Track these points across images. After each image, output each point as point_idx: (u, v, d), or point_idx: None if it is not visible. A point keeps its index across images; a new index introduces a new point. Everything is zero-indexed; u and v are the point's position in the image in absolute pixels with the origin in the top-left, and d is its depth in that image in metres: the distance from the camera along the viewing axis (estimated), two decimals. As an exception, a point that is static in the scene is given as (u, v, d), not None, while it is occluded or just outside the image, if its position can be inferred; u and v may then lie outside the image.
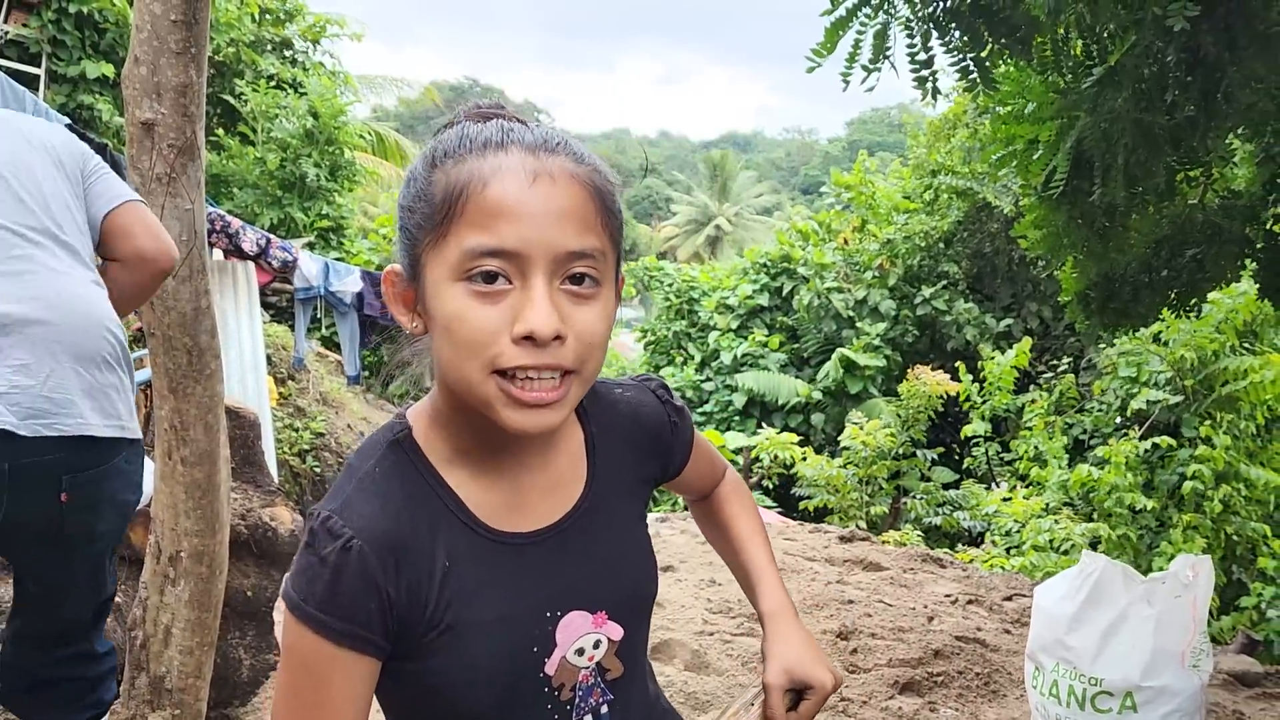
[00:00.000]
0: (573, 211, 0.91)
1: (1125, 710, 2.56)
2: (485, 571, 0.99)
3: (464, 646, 0.97)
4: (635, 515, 1.14)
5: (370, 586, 0.92)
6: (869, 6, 3.49)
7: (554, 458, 1.06)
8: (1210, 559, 2.65)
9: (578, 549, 1.05)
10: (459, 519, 0.99)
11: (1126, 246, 4.67)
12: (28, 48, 10.41)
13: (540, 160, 0.92)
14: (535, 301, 0.89)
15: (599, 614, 1.05)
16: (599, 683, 1.07)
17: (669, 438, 1.19)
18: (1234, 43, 3.48)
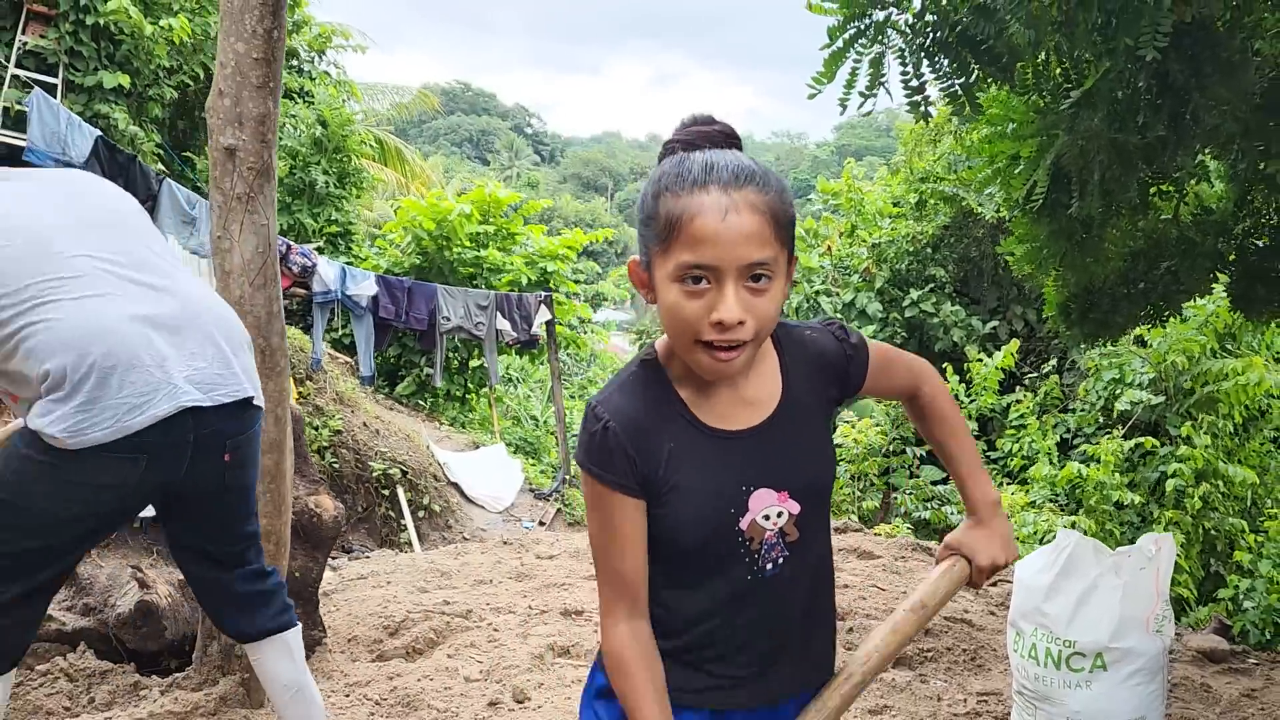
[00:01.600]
0: (753, 234, 1.29)
1: (1096, 669, 2.89)
2: (699, 454, 1.42)
3: (683, 500, 1.41)
4: (818, 424, 1.51)
5: (621, 452, 1.39)
6: (865, 38, 3.75)
7: (754, 380, 1.46)
8: (1172, 536, 2.97)
9: (770, 445, 1.44)
10: (683, 417, 1.43)
11: (1104, 258, 4.93)
12: (45, 58, 10.65)
13: (731, 197, 1.29)
14: (726, 299, 1.29)
15: (783, 493, 1.44)
16: (780, 541, 1.45)
17: (845, 366, 1.53)
18: (1199, 70, 3.75)
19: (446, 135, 71.16)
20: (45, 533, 2.36)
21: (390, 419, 9.66)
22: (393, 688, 3.64)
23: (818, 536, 1.52)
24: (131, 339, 2.31)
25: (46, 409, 2.25)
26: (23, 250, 2.33)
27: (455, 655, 4.05)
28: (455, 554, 6.37)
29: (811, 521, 1.48)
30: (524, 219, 15.68)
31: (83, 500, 2.35)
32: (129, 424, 2.27)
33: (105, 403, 2.26)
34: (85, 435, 2.25)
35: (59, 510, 2.33)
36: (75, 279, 2.34)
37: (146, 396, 2.29)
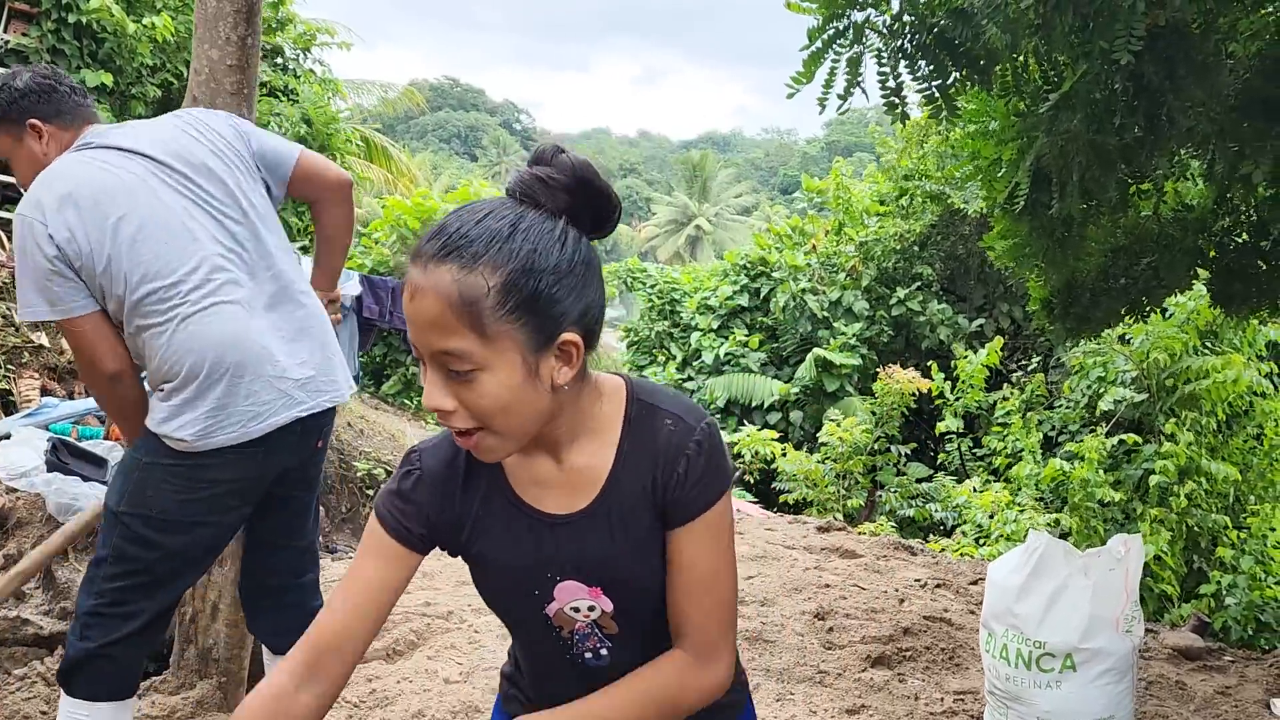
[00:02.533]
0: (432, 321, 1.15)
1: (1066, 669, 2.92)
2: (504, 528, 1.33)
3: (484, 571, 1.36)
4: (648, 521, 1.29)
5: (416, 504, 1.32)
6: (843, 39, 3.77)
7: (582, 456, 1.30)
8: (1140, 537, 3.00)
9: (582, 537, 1.30)
10: (497, 486, 1.33)
11: (1085, 256, 4.97)
12: (27, 56, 10.58)
13: (424, 275, 1.15)
14: (426, 386, 1.19)
15: (594, 588, 1.31)
16: (595, 632, 1.35)
17: (670, 475, 1.27)
18: (1174, 72, 3.78)
19: (435, 131, 71.09)
20: (175, 543, 2.41)
21: (375, 418, 9.63)
22: (371, 689, 3.65)
23: (652, 630, 1.35)
24: (258, 350, 2.38)
25: (173, 412, 2.33)
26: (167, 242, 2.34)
27: (435, 657, 4.06)
28: (438, 554, 6.35)
29: (637, 617, 1.34)
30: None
31: (208, 499, 2.41)
32: (251, 430, 2.37)
33: (233, 409, 2.35)
34: (212, 439, 2.34)
35: (186, 513, 2.40)
36: (212, 276, 2.37)
37: (268, 405, 2.39)
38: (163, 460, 2.37)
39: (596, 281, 1.24)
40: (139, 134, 2.45)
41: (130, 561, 2.39)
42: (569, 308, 1.19)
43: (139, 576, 2.40)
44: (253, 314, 2.41)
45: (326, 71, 14.99)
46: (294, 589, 2.77)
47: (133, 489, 2.39)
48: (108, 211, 2.29)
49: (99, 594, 2.41)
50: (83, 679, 2.40)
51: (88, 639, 2.39)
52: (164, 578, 2.44)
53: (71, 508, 3.77)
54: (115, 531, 2.40)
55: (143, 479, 2.38)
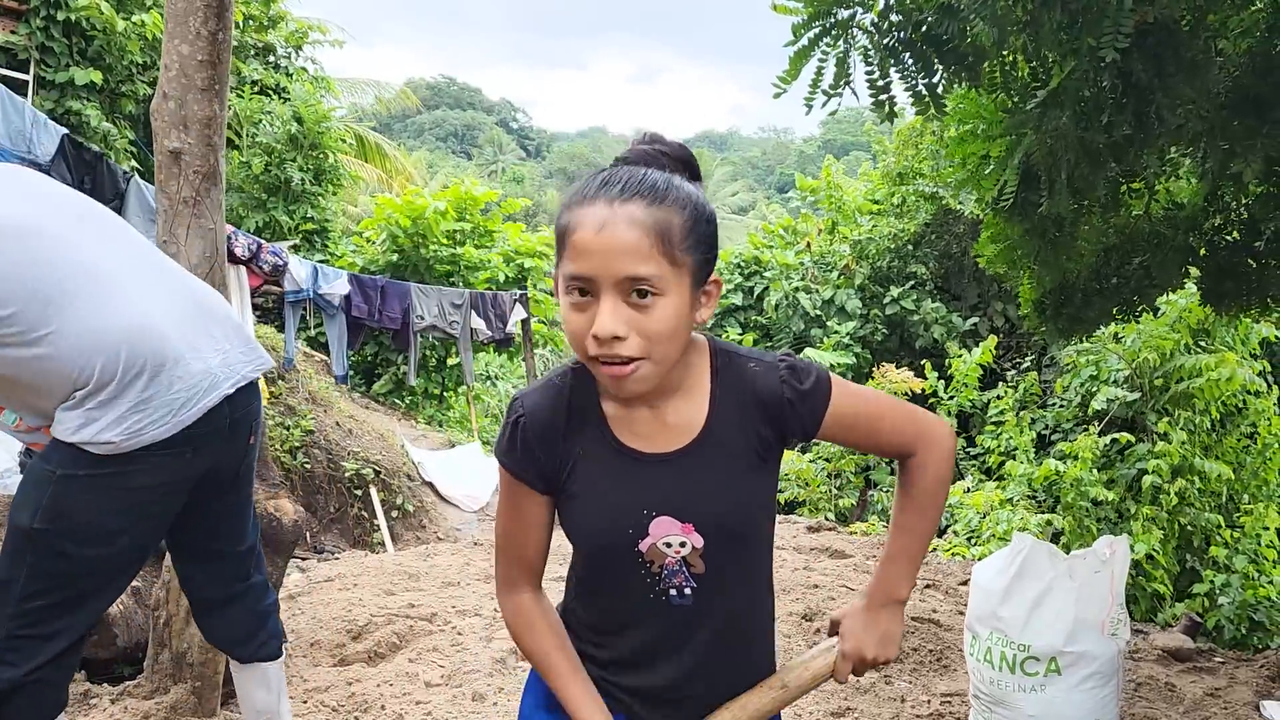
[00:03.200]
0: (628, 248, 1.26)
1: (1050, 673, 2.88)
2: (604, 469, 1.42)
3: (581, 509, 1.43)
4: (741, 464, 1.42)
5: (528, 448, 1.42)
6: (830, 36, 3.73)
7: (679, 405, 1.42)
8: (1126, 539, 2.97)
9: (679, 474, 1.40)
10: (599, 429, 1.42)
11: (1076, 255, 4.94)
12: (16, 54, 10.53)
13: (613, 209, 1.28)
14: (601, 313, 1.27)
15: (686, 525, 1.40)
16: (683, 570, 1.43)
17: (783, 410, 1.42)
18: (1162, 69, 3.75)
19: (431, 130, 70.92)
20: (99, 556, 2.25)
21: (365, 418, 9.60)
22: (351, 693, 3.61)
23: (738, 578, 1.46)
24: (171, 334, 2.27)
25: (89, 417, 2.16)
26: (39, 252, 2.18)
27: (417, 660, 4.02)
28: (425, 555, 6.33)
29: (724, 560, 1.43)
30: (506, 216, 15.63)
31: (133, 506, 2.27)
32: (183, 418, 2.25)
33: (159, 400, 2.21)
34: (142, 435, 2.19)
35: (109, 524, 2.24)
36: (99, 275, 2.24)
37: (193, 389, 2.27)
38: (80, 471, 2.19)
39: None
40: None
41: (48, 579, 2.22)
42: (717, 251, 1.39)
43: (59, 594, 2.23)
44: (157, 303, 2.30)
45: (319, 70, 14.95)
46: (241, 595, 2.66)
47: (48, 503, 2.20)
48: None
49: (15, 616, 2.21)
50: (16, 707, 2.23)
51: (11, 664, 2.20)
52: (86, 593, 2.28)
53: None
54: (29, 550, 2.21)
55: (59, 492, 2.20)
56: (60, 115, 10.32)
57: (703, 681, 1.47)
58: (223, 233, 2.99)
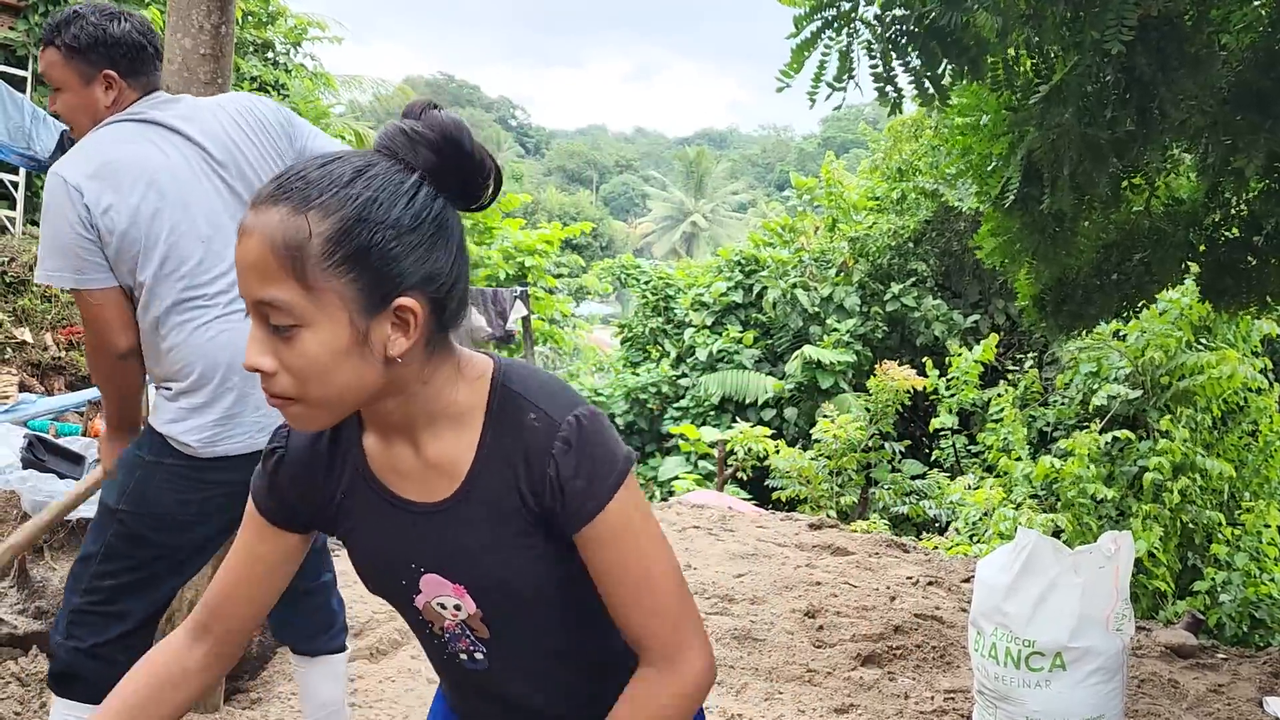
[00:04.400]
0: (253, 265, 1.05)
1: (1055, 669, 2.87)
2: (368, 509, 1.24)
3: (355, 554, 1.28)
4: (514, 529, 1.17)
5: (282, 487, 1.27)
6: (832, 29, 3.72)
7: (440, 444, 1.18)
8: (1130, 535, 2.96)
9: (442, 530, 1.20)
10: (357, 468, 1.24)
11: (1077, 251, 4.93)
12: (14, 50, 10.53)
13: (253, 216, 1.06)
14: (249, 339, 1.08)
15: (458, 586, 1.21)
16: (467, 634, 1.25)
17: (547, 492, 1.15)
18: (1166, 64, 3.74)
19: (430, 128, 70.85)
20: (169, 544, 2.35)
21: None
22: (353, 689, 3.60)
23: (535, 645, 1.26)
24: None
25: (180, 414, 2.28)
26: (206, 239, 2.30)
27: (419, 656, 4.01)
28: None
29: (512, 627, 1.24)
30: (504, 213, 15.62)
31: (206, 501, 2.35)
32: (257, 441, 2.30)
33: (241, 420, 2.30)
34: (217, 447, 2.29)
35: (182, 514, 2.34)
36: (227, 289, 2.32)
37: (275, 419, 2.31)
38: (166, 460, 2.31)
39: (452, 248, 1.11)
40: (194, 117, 2.38)
41: (122, 559, 2.33)
42: (409, 269, 1.07)
43: (130, 575, 2.33)
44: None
45: (318, 66, 14.93)
46: (314, 591, 2.73)
47: (134, 487, 2.33)
48: (151, 194, 2.25)
49: (88, 590, 2.34)
50: (79, 680, 2.33)
51: (76, 638, 2.32)
52: (153, 578, 2.38)
53: (47, 505, 3.72)
54: (110, 528, 2.33)
55: (145, 477, 2.32)
56: (59, 112, 10.30)
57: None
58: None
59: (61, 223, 2.21)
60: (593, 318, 31.76)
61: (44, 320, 6.93)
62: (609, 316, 32.82)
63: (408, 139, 1.09)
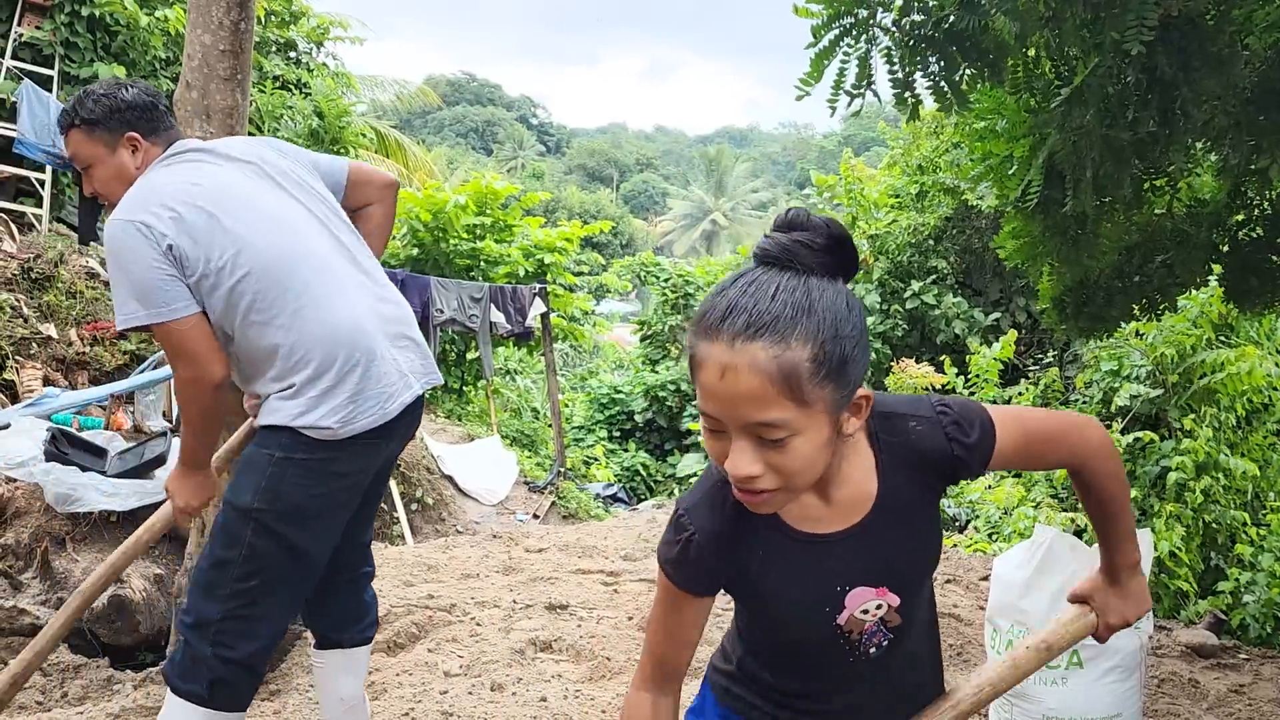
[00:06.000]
0: (751, 396, 1.19)
1: (1072, 666, 2.87)
2: (788, 559, 1.40)
3: (774, 604, 1.43)
4: (922, 516, 1.44)
5: (700, 563, 1.40)
6: (851, 36, 3.72)
7: (846, 482, 1.38)
8: (1149, 531, 2.95)
9: (865, 545, 1.39)
10: (770, 524, 1.39)
11: (1099, 253, 4.91)
12: (41, 50, 10.62)
13: (734, 353, 1.18)
14: (733, 455, 1.23)
15: (881, 588, 1.41)
16: (881, 629, 1.44)
17: (953, 466, 1.40)
18: (1188, 64, 3.72)
19: (452, 126, 71.08)
20: (306, 535, 2.41)
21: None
22: (370, 682, 3.63)
23: (921, 613, 1.52)
24: (376, 334, 2.46)
25: (310, 404, 2.35)
26: (277, 235, 2.39)
27: (436, 650, 4.04)
28: (444, 547, 6.36)
29: (915, 603, 1.48)
30: (525, 210, 15.65)
31: (334, 491, 2.44)
32: (388, 411, 2.43)
33: (369, 392, 2.40)
34: (355, 424, 2.38)
35: (314, 507, 2.41)
36: (327, 269, 2.44)
37: (395, 385, 2.46)
38: (297, 455, 2.37)
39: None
40: (225, 144, 2.53)
41: (263, 559, 2.36)
42: (863, 364, 1.27)
43: (270, 574, 2.37)
44: (366, 303, 2.49)
45: (339, 65, 15.00)
46: (352, 582, 2.80)
47: (266, 484, 2.37)
48: (214, 209, 2.34)
49: (231, 596, 2.35)
50: (230, 692, 2.35)
51: (228, 648, 2.33)
52: (293, 577, 2.43)
53: (69, 497, 3.76)
54: (247, 529, 2.36)
55: (276, 474, 2.37)
56: (85, 110, 10.39)
57: (883, 703, 1.52)
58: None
59: (133, 261, 2.27)
60: (613, 315, 31.78)
61: (69, 316, 7.00)
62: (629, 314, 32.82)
63: (809, 250, 1.24)
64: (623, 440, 17.20)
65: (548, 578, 5.37)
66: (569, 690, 3.64)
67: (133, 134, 2.47)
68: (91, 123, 2.46)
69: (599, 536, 6.77)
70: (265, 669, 2.47)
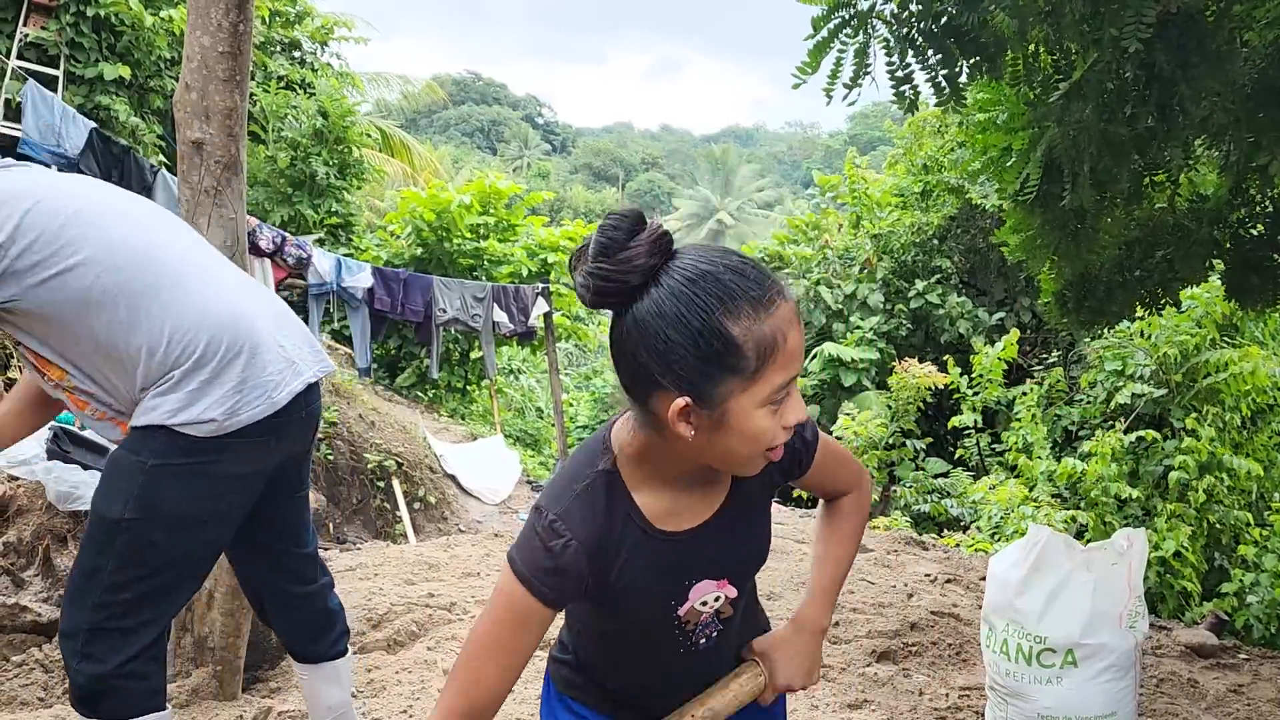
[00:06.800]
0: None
1: (1067, 665, 2.87)
2: (647, 558, 1.40)
3: (627, 601, 1.41)
4: (762, 513, 1.52)
5: (575, 571, 1.35)
6: (849, 28, 3.72)
7: (704, 477, 1.42)
8: (1144, 532, 2.95)
9: (714, 539, 1.44)
10: (638, 525, 1.39)
11: (1099, 248, 4.90)
12: (46, 50, 10.66)
13: (792, 302, 1.28)
14: (796, 400, 1.30)
15: (722, 580, 1.46)
16: (714, 620, 1.49)
17: (796, 461, 1.52)
18: (1186, 60, 3.71)
19: (457, 125, 71.10)
20: (184, 545, 2.27)
21: (388, 410, 9.64)
22: (369, 680, 3.64)
23: (747, 603, 1.56)
24: (259, 321, 2.32)
25: (191, 398, 2.18)
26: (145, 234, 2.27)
27: (435, 648, 4.05)
28: (446, 546, 6.36)
29: (744, 596, 1.52)
30: (530, 209, 15.66)
31: (219, 495, 2.30)
32: (276, 400, 2.27)
33: (256, 380, 2.25)
34: (239, 416, 2.22)
35: (197, 512, 2.26)
36: (198, 263, 2.33)
37: (282, 373, 2.31)
38: (174, 461, 2.20)
39: None
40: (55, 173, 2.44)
41: (137, 568, 2.21)
42: None
43: (145, 584, 2.23)
44: (246, 291, 2.39)
45: (343, 65, 15.03)
46: (308, 596, 2.70)
47: (139, 493, 2.20)
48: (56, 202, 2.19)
49: (100, 606, 2.21)
50: (106, 700, 2.23)
51: (96, 659, 2.20)
52: (170, 584, 2.27)
53: (71, 495, 3.78)
54: (118, 539, 2.21)
55: (150, 482, 2.20)
56: (89, 110, 10.44)
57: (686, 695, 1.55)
58: (244, 222, 3.03)
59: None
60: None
61: None
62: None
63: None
64: (627, 440, 17.13)
65: (548, 576, 5.36)
66: (567, 687, 3.64)
67: None
68: None
69: (601, 535, 6.76)
70: (160, 671, 2.32)
